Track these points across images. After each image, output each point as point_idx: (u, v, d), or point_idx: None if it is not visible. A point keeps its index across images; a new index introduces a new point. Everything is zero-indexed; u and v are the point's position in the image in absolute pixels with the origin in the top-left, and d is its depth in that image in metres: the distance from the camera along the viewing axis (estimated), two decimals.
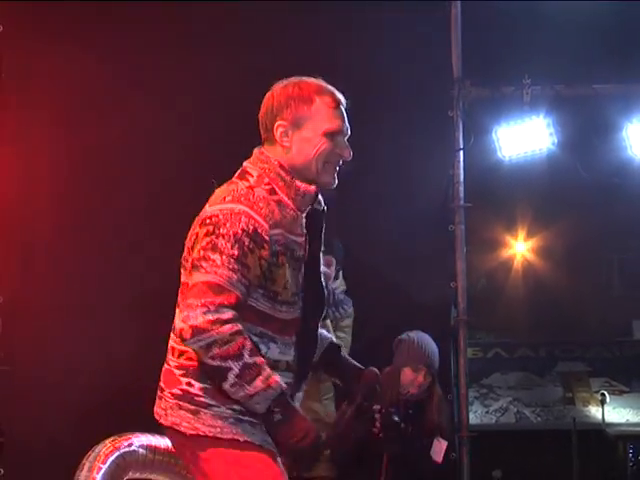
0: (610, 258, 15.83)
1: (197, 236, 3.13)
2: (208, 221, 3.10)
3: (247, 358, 3.01)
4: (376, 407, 5.79)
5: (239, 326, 3.02)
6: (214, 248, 3.03)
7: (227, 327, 2.99)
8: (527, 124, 8.37)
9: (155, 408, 3.37)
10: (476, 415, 13.70)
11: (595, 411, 14.46)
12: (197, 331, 2.98)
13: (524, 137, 8.23)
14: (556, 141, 8.37)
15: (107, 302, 7.82)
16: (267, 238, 3.06)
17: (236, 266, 3.03)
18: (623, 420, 14.64)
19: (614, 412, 14.52)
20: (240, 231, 3.02)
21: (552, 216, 12.82)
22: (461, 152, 8.46)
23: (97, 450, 4.54)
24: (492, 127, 8.43)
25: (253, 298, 3.13)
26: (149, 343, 5.11)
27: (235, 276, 3.02)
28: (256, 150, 3.33)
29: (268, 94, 3.26)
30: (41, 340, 7.70)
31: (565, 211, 12.01)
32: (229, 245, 3.02)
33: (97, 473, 4.40)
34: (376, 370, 3.52)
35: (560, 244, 13.74)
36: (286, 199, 3.17)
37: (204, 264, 3.03)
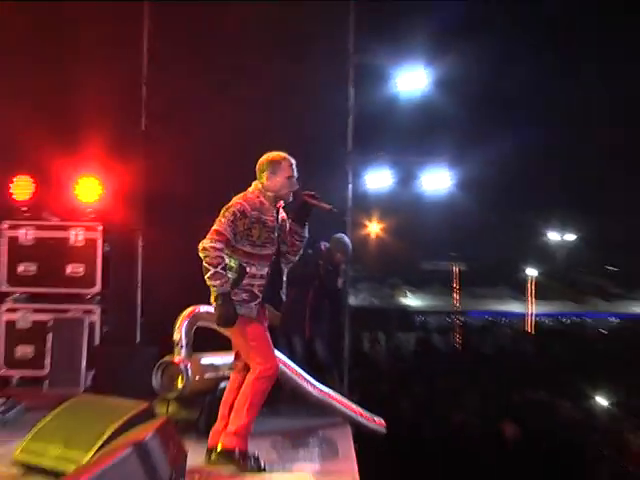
0: None
1: (221, 211, 5.57)
2: (227, 206, 5.59)
3: (218, 268, 5.41)
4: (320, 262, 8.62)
5: (222, 252, 5.44)
6: (223, 216, 5.52)
7: (216, 251, 5.43)
8: None
9: None
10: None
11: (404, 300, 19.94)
12: (204, 249, 5.43)
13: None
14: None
15: None
16: (248, 214, 5.56)
17: (229, 225, 5.50)
18: (415, 304, 19.81)
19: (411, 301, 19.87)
20: (236, 210, 5.55)
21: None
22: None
23: (184, 312, 6.52)
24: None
25: (242, 244, 5.54)
26: None
27: (228, 228, 5.48)
28: (255, 182, 5.79)
29: (261, 158, 5.80)
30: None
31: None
32: (229, 215, 5.52)
33: (184, 321, 6.39)
34: (308, 192, 5.82)
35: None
36: (264, 200, 5.67)
37: (218, 221, 5.51)
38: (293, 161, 5.77)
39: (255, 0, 9.20)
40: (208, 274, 5.35)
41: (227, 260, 5.48)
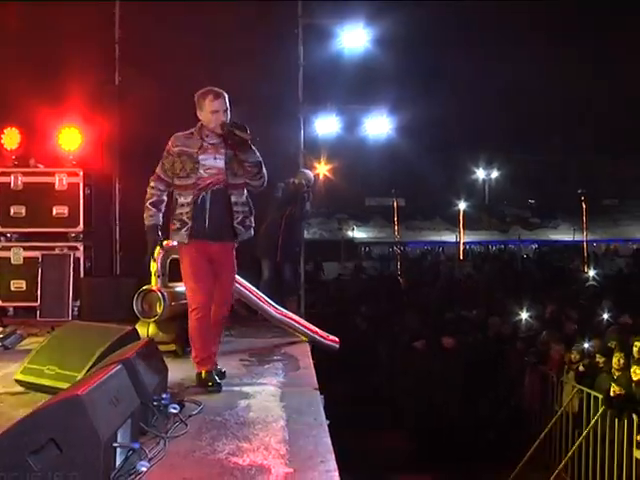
0: None
1: None
2: None
3: (147, 203, 5.36)
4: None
5: (154, 190, 5.36)
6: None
7: (150, 189, 5.39)
8: None
9: None
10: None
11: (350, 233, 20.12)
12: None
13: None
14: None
15: None
16: (170, 152, 5.31)
17: (161, 165, 5.37)
18: (360, 236, 20.03)
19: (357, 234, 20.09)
20: (165, 151, 5.36)
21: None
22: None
23: None
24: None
25: (174, 179, 5.30)
26: None
27: (159, 168, 5.37)
28: None
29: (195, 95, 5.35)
30: None
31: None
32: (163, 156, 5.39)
33: (159, 254, 6.29)
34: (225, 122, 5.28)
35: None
36: (195, 134, 5.30)
37: None
38: (218, 96, 5.29)
39: None
40: (145, 209, 5.35)
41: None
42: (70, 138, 9.03)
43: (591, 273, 24.32)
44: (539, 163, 47.50)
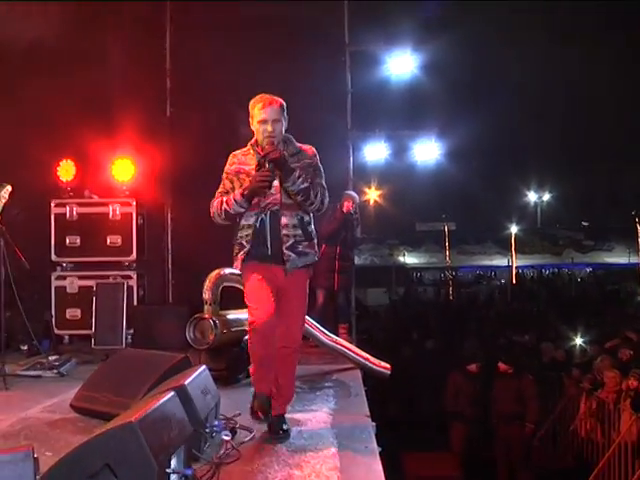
0: None
1: None
2: None
3: (217, 205, 4.77)
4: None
5: (218, 199, 4.79)
6: None
7: (213, 203, 4.80)
8: None
9: None
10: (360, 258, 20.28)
11: (402, 259, 20.16)
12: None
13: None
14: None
15: None
16: (227, 172, 4.83)
17: (221, 186, 4.84)
18: (411, 262, 20.04)
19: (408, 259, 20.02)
20: (224, 173, 4.87)
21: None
22: None
23: (211, 274, 6.57)
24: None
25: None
26: None
27: (220, 190, 4.83)
28: None
29: None
30: None
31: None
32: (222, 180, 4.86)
33: (211, 282, 6.49)
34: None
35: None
36: (250, 150, 4.81)
37: None
38: (267, 103, 4.73)
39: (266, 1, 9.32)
40: (219, 218, 4.83)
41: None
42: (123, 169, 9.23)
43: None
44: (592, 184, 46.84)
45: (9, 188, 7.02)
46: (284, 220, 4.74)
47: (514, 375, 10.39)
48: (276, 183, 4.67)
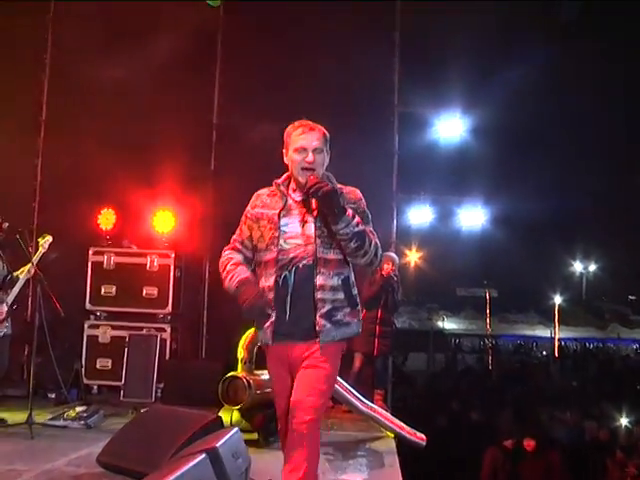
0: None
1: None
2: None
3: (227, 268, 3.99)
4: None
5: (228, 254, 4.07)
6: None
7: (224, 255, 4.08)
8: None
9: None
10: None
11: (441, 324, 20.21)
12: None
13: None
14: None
15: None
16: (249, 216, 4.04)
17: (238, 231, 4.10)
18: (450, 327, 20.03)
19: (447, 324, 19.97)
20: (243, 215, 4.10)
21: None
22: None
23: (247, 332, 6.54)
24: None
25: (255, 253, 4.02)
26: None
27: (236, 236, 4.10)
28: None
29: None
30: None
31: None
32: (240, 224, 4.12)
33: (247, 341, 6.51)
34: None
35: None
36: (275, 190, 4.04)
37: None
38: (309, 128, 4.01)
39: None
40: (222, 278, 4.03)
41: None
42: (164, 220, 9.35)
43: None
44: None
45: (50, 239, 7.16)
46: (320, 280, 3.82)
47: (540, 452, 10.14)
48: (308, 231, 3.86)
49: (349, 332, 3.97)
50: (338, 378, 6.94)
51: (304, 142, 3.95)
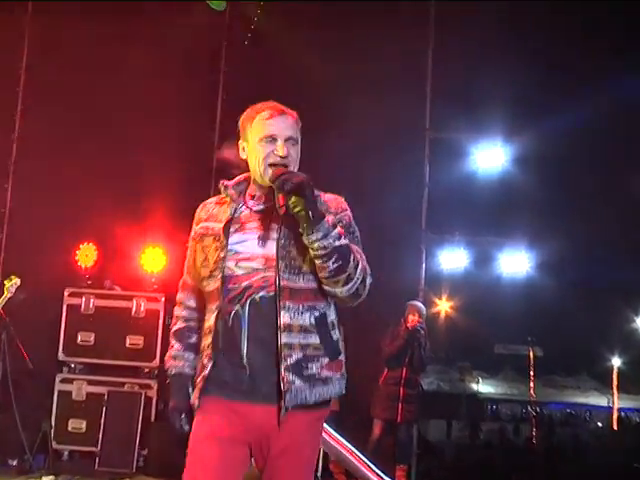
0: None
1: None
2: None
3: (171, 336, 3.62)
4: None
5: (177, 309, 3.65)
6: None
7: (177, 305, 3.67)
8: None
9: None
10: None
11: (475, 386, 20.97)
12: None
13: None
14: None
15: None
16: (192, 235, 3.49)
17: (186, 261, 3.58)
18: (486, 391, 20.72)
19: (483, 387, 20.59)
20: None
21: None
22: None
23: None
24: None
25: (199, 281, 3.44)
26: None
27: (185, 268, 3.59)
28: None
29: None
30: None
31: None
32: None
33: None
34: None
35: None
36: (225, 196, 3.47)
37: None
38: (278, 112, 3.40)
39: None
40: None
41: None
42: (153, 259, 9.38)
43: None
44: None
45: (17, 282, 7.21)
46: (285, 318, 3.21)
47: None
48: (268, 250, 3.26)
49: (329, 392, 3.30)
50: (353, 448, 6.94)
51: (273, 129, 3.35)
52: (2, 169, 10.05)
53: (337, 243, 3.17)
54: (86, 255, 9.34)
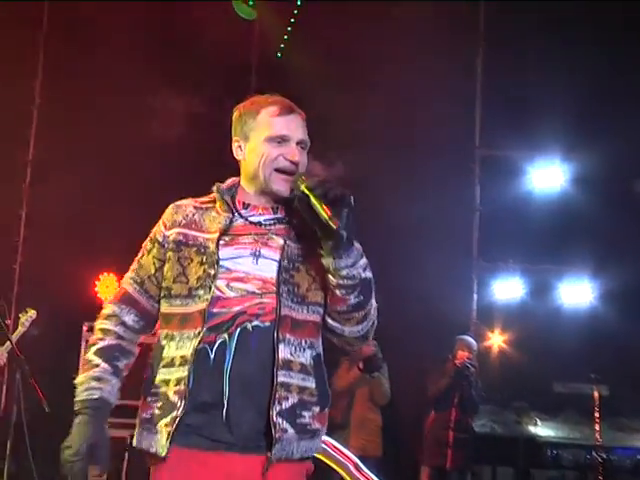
0: None
1: None
2: None
3: (90, 354, 3.16)
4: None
5: (108, 324, 3.19)
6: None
7: (99, 321, 3.21)
8: None
9: None
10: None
11: (533, 429, 21.03)
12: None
13: None
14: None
15: None
16: (160, 239, 3.15)
17: (134, 266, 3.23)
18: (546, 434, 20.80)
19: (542, 430, 20.68)
20: (147, 239, 3.24)
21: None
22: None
23: None
24: None
25: (164, 299, 3.13)
26: None
27: (130, 275, 3.23)
28: None
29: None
30: None
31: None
32: (140, 251, 3.26)
33: None
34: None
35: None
36: (220, 200, 3.19)
37: None
38: (285, 108, 3.17)
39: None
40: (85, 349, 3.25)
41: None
42: None
43: None
44: None
45: (33, 315, 7.27)
46: (285, 353, 2.98)
47: None
48: (267, 272, 3.04)
49: (314, 448, 3.10)
50: None
51: (284, 128, 3.12)
52: (15, 195, 10.11)
53: (364, 275, 3.01)
54: (106, 286, 9.39)
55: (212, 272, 2.99)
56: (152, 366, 3.14)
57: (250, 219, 3.13)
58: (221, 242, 3.04)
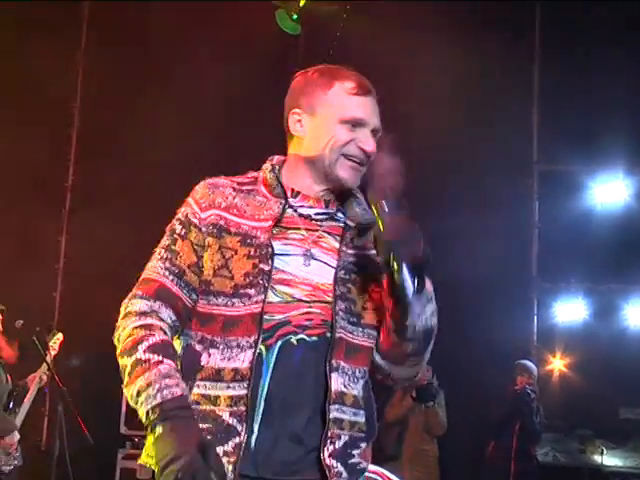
0: None
1: None
2: None
3: (140, 353, 2.53)
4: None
5: (149, 319, 2.61)
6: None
7: (132, 320, 2.62)
8: None
9: None
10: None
11: (599, 458, 20.80)
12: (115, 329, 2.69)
13: None
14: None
15: None
16: (195, 220, 2.69)
17: (165, 254, 2.69)
18: (612, 464, 20.67)
19: (608, 459, 20.50)
20: (175, 221, 2.75)
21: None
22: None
23: None
24: None
25: (202, 294, 2.67)
26: None
27: (162, 265, 2.67)
28: None
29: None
30: None
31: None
32: (165, 237, 2.75)
33: None
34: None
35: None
36: (267, 183, 2.77)
37: None
38: (364, 87, 2.74)
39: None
40: (124, 378, 2.55)
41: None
42: None
43: None
44: None
45: (60, 337, 7.27)
46: (338, 384, 2.62)
47: None
48: (324, 275, 2.66)
49: None
50: None
51: (362, 111, 2.72)
52: (56, 219, 10.14)
53: (428, 324, 2.63)
54: None
55: (266, 268, 2.58)
56: (191, 376, 2.60)
57: (299, 210, 2.73)
58: (274, 230, 2.66)
